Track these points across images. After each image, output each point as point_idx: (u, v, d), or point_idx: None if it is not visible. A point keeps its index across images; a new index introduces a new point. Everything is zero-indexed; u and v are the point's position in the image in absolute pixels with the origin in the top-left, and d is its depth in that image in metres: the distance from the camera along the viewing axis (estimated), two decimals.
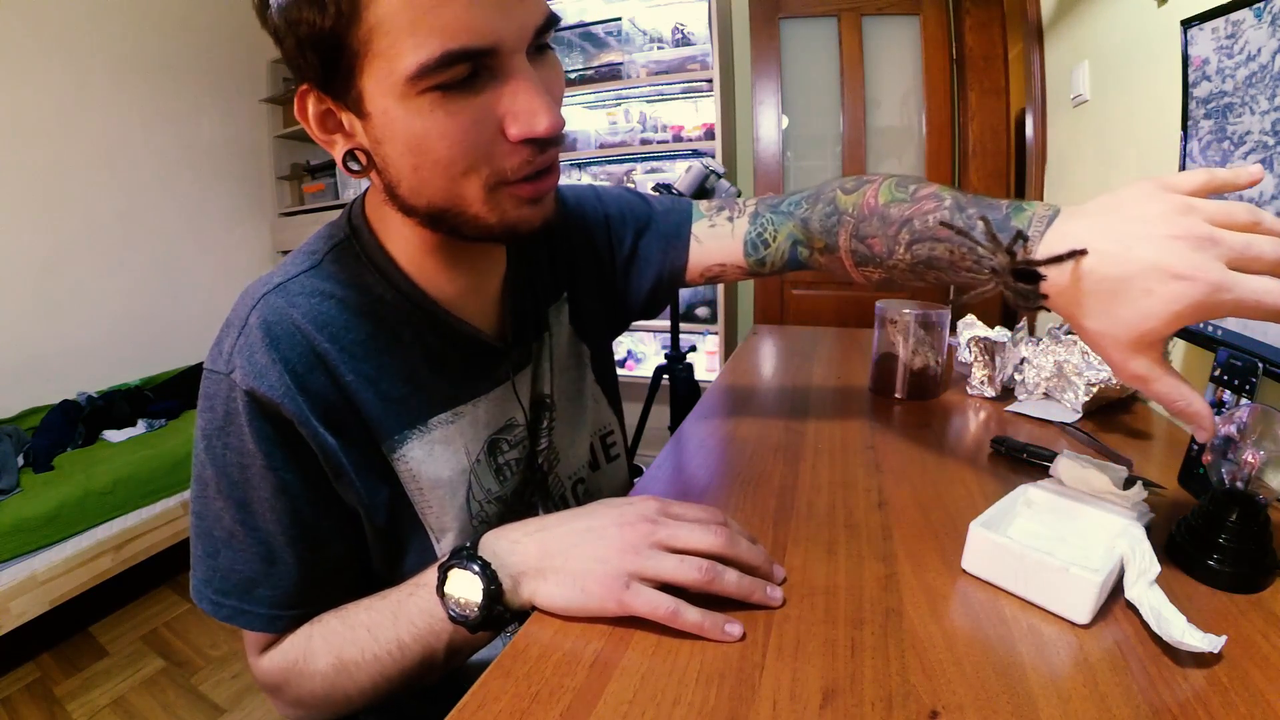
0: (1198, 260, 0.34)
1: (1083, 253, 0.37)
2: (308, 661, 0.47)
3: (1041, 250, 0.40)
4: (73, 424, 1.96)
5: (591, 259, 0.67)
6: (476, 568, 0.42)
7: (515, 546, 0.44)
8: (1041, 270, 0.39)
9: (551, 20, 0.42)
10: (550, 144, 0.43)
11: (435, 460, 0.51)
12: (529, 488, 0.59)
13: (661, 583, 0.41)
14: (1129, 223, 0.36)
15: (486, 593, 0.41)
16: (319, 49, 0.38)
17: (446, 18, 0.36)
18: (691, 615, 0.39)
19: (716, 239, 0.65)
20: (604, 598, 0.40)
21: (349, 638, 0.46)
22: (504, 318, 0.57)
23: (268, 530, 0.46)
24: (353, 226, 0.51)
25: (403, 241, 0.49)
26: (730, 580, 0.41)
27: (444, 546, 0.53)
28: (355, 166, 0.43)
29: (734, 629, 0.39)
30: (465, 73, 0.38)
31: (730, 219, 0.65)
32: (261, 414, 0.44)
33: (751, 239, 0.64)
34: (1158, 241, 0.35)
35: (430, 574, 0.45)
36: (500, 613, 0.42)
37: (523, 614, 0.43)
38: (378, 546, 0.51)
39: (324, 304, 0.47)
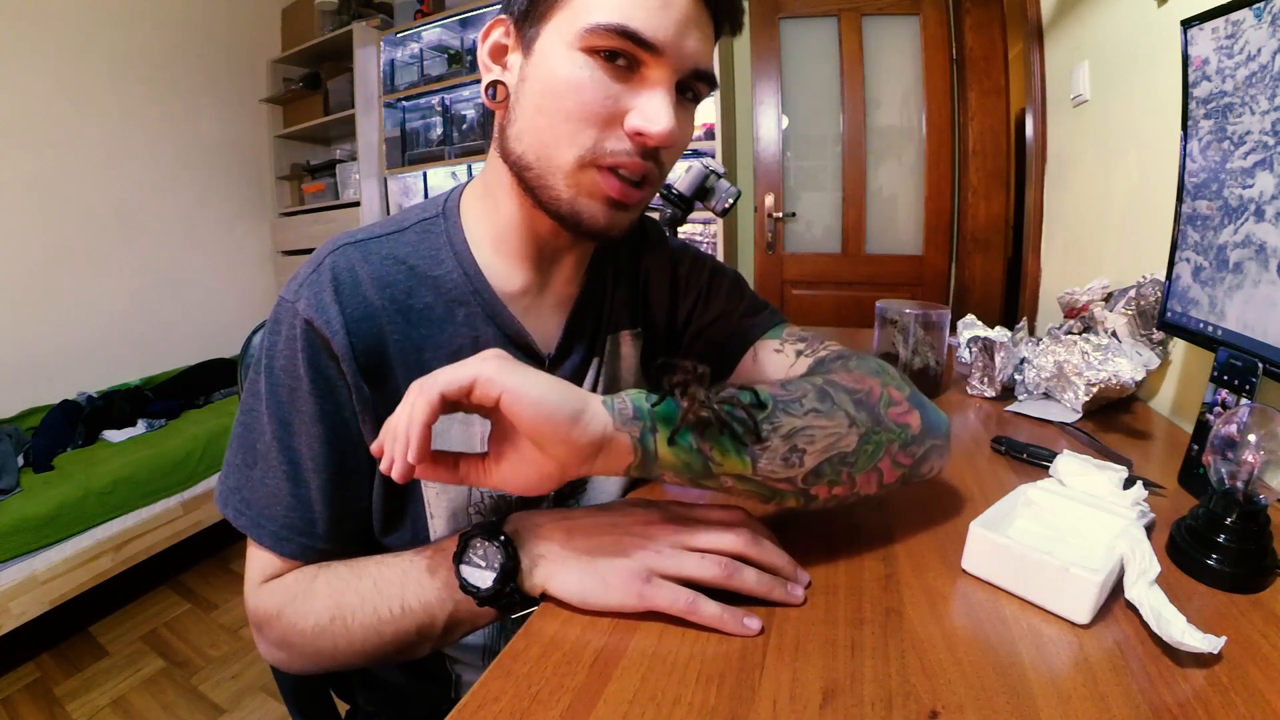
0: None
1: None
2: (307, 599, 0.47)
3: None
4: (73, 424, 1.96)
5: (670, 309, 0.66)
6: (499, 542, 0.43)
7: (539, 530, 0.45)
8: None
9: (711, 77, 0.48)
10: (652, 156, 0.47)
11: (450, 438, 0.53)
12: (539, 503, 0.58)
13: (682, 579, 0.41)
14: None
15: (503, 568, 0.42)
16: None
17: (639, 4, 0.42)
18: (710, 608, 0.40)
19: (773, 366, 0.62)
20: (625, 592, 0.40)
21: (354, 585, 0.47)
22: (559, 331, 0.58)
23: (299, 452, 0.49)
24: (444, 210, 0.55)
25: (482, 233, 0.54)
26: (749, 577, 0.42)
27: (436, 525, 0.53)
28: (492, 97, 0.49)
29: (753, 623, 0.39)
30: (625, 49, 0.43)
31: (799, 354, 0.61)
32: (314, 343, 0.48)
33: None
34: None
35: (450, 541, 0.45)
36: (511, 592, 0.42)
37: (529, 601, 0.43)
38: (380, 506, 0.53)
39: (395, 268, 0.51)
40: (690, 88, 0.48)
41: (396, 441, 0.37)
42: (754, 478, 0.42)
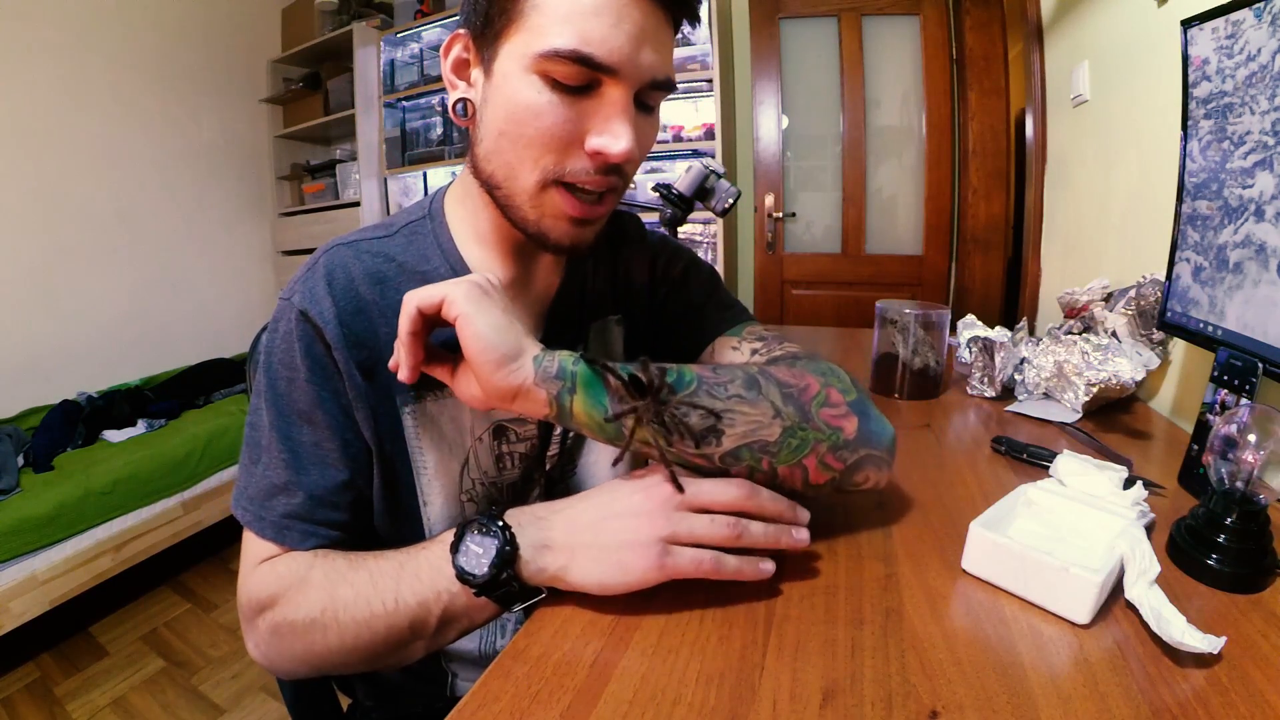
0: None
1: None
2: (301, 589, 0.46)
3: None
4: (73, 424, 1.96)
5: (649, 297, 0.67)
6: (497, 527, 0.42)
7: (539, 521, 0.44)
8: None
9: (669, 84, 0.47)
10: (614, 171, 0.47)
11: (442, 424, 0.54)
12: (529, 485, 0.59)
13: (694, 543, 0.42)
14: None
15: (500, 553, 0.41)
16: (491, 2, 0.45)
17: (592, 26, 0.42)
18: (731, 563, 0.42)
19: (728, 360, 0.62)
20: (645, 569, 0.41)
21: (350, 577, 0.46)
22: (542, 320, 0.59)
23: (299, 440, 0.50)
24: (430, 211, 0.57)
25: (465, 233, 0.56)
26: (756, 532, 0.43)
27: (430, 514, 0.54)
28: (461, 114, 0.50)
29: (767, 565, 0.43)
30: (581, 79, 0.44)
31: (754, 352, 0.61)
32: (309, 333, 0.50)
33: None
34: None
35: (447, 534, 0.45)
36: (508, 579, 0.41)
37: (528, 592, 0.43)
38: (379, 494, 0.53)
39: (385, 264, 0.53)
40: (653, 95, 0.48)
41: (400, 349, 0.44)
42: (670, 450, 0.44)
